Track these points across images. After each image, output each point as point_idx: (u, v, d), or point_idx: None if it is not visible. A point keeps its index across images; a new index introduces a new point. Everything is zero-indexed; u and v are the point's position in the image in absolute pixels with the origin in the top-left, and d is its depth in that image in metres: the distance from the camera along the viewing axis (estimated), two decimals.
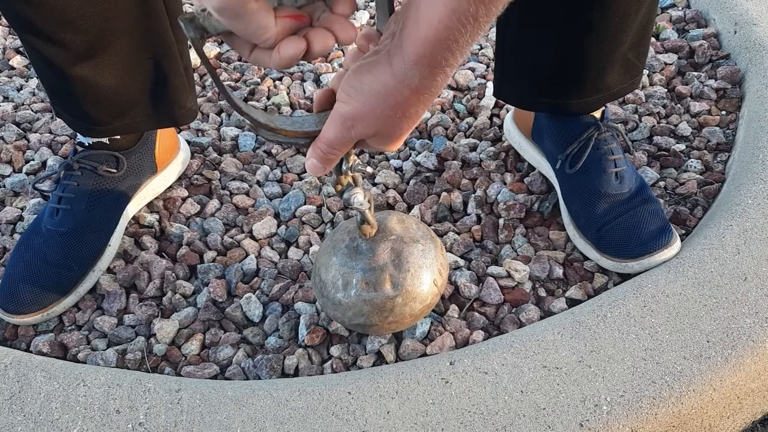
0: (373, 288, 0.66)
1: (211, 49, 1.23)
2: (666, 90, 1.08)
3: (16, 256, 0.83)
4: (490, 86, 1.11)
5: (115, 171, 0.87)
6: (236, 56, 1.23)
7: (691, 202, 0.90)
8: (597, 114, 0.87)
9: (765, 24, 1.09)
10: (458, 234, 0.89)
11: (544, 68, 0.80)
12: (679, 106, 1.05)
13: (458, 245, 0.87)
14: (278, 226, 0.92)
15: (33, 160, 1.02)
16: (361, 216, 0.65)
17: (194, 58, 1.11)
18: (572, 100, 0.82)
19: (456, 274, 0.83)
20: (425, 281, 0.67)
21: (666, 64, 1.12)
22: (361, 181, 0.62)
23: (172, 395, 0.69)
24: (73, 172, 0.85)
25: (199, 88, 1.15)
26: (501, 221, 0.90)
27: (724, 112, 1.02)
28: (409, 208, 0.93)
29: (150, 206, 0.94)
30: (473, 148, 1.01)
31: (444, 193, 0.94)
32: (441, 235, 0.89)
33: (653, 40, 1.17)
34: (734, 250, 0.78)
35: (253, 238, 0.91)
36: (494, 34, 1.06)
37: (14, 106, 1.13)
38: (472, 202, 0.92)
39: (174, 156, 0.96)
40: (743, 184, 0.86)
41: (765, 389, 0.73)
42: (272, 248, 0.89)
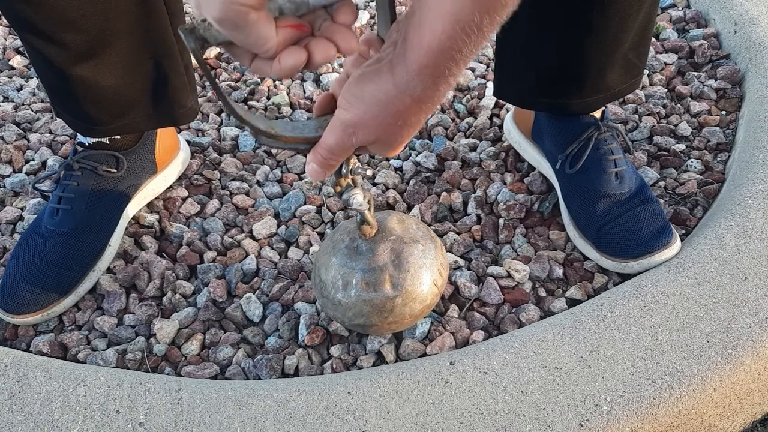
0: (373, 288, 0.66)
1: (210, 49, 1.23)
2: (666, 90, 1.08)
3: (16, 256, 0.83)
4: (490, 86, 1.11)
5: (115, 171, 0.87)
6: None
7: (691, 202, 0.90)
8: (597, 114, 0.87)
9: (765, 24, 1.09)
10: (458, 234, 0.89)
11: (544, 68, 0.80)
12: (679, 106, 1.05)
13: (458, 245, 0.87)
14: (278, 226, 0.92)
15: (33, 160, 1.02)
16: (360, 216, 0.65)
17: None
18: (573, 100, 0.82)
19: (456, 274, 0.83)
20: (425, 281, 0.67)
21: (666, 64, 1.12)
22: (360, 182, 0.61)
23: (172, 395, 0.69)
24: (73, 172, 0.85)
25: (199, 88, 1.15)
26: (501, 221, 0.90)
27: (724, 112, 1.02)
28: (409, 208, 0.93)
29: (150, 206, 0.94)
30: (473, 148, 1.01)
31: (444, 193, 0.94)
32: (441, 235, 0.89)
33: (653, 40, 1.17)
34: (734, 250, 0.78)
35: (253, 238, 0.91)
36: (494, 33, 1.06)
37: (14, 106, 1.13)
38: (472, 202, 0.92)
39: (174, 156, 0.96)
40: (743, 184, 0.86)
41: (765, 389, 0.73)
42: (272, 248, 0.89)
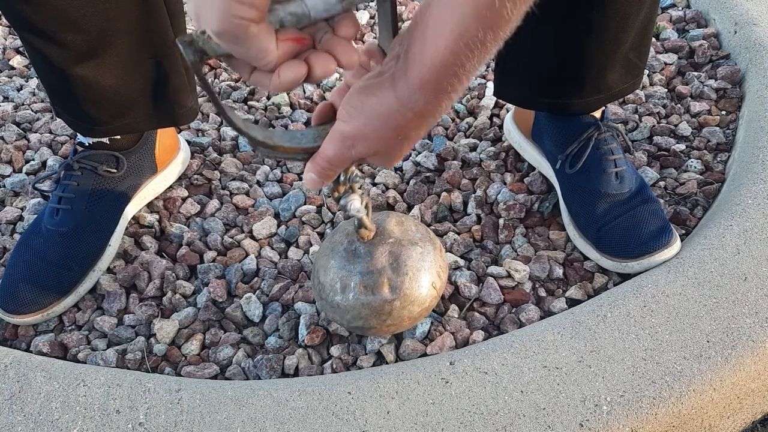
0: (371, 292, 0.66)
1: None
2: (666, 90, 1.08)
3: (16, 256, 0.83)
4: (490, 86, 1.11)
5: (115, 171, 0.87)
6: None
7: (691, 202, 0.90)
8: (597, 114, 0.87)
9: (765, 24, 1.09)
10: (458, 234, 0.89)
11: (544, 68, 0.80)
12: (679, 106, 1.05)
13: (458, 245, 0.87)
14: (278, 226, 0.92)
15: (33, 160, 1.02)
16: (358, 221, 0.65)
17: None
18: (573, 100, 0.82)
19: (456, 274, 0.83)
20: (423, 284, 0.67)
21: (666, 64, 1.12)
22: (358, 188, 0.61)
23: (172, 395, 0.69)
24: (73, 172, 0.85)
25: (199, 88, 1.15)
26: (501, 221, 0.90)
27: (724, 112, 1.02)
28: (409, 208, 0.93)
29: (150, 206, 0.94)
30: (473, 148, 1.01)
31: (444, 193, 0.94)
32: (441, 235, 0.89)
33: (653, 40, 1.17)
34: (734, 250, 0.78)
35: (253, 238, 0.91)
36: None
37: (14, 106, 1.13)
38: (472, 202, 0.92)
39: (174, 156, 0.96)
40: (743, 184, 0.86)
41: (765, 389, 0.73)
42: (272, 248, 0.89)
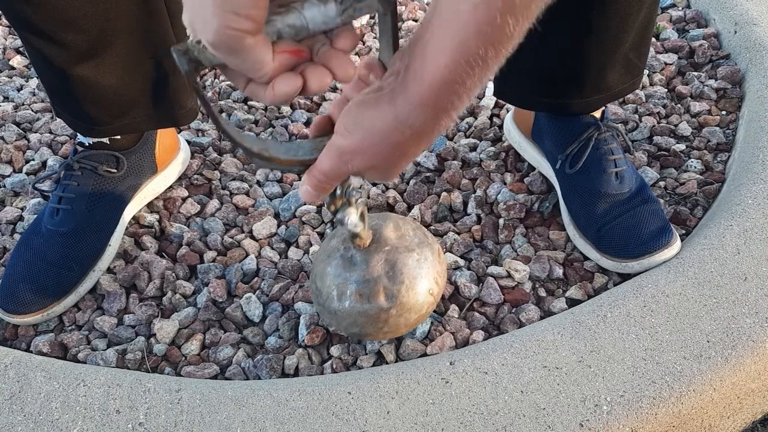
0: (367, 300, 0.65)
1: None
2: (666, 90, 1.08)
3: (16, 256, 0.83)
4: (490, 86, 1.11)
5: (116, 171, 0.87)
6: None
7: (691, 202, 0.90)
8: (597, 114, 0.87)
9: (765, 24, 1.09)
10: (458, 234, 0.89)
11: (544, 68, 0.80)
12: (679, 106, 1.05)
13: (458, 245, 0.87)
14: (278, 226, 0.92)
15: (33, 160, 1.02)
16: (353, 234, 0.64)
17: None
18: (573, 100, 0.82)
19: (456, 274, 0.83)
20: (420, 292, 0.66)
21: (666, 64, 1.12)
22: (355, 201, 0.60)
23: (172, 395, 0.69)
24: (74, 172, 0.85)
25: None
26: (501, 221, 0.90)
27: (724, 112, 1.02)
28: (409, 208, 0.93)
29: (150, 206, 0.94)
30: (473, 148, 1.01)
31: (444, 193, 0.94)
32: (441, 235, 0.89)
33: (653, 40, 1.17)
34: (734, 250, 0.78)
35: (253, 238, 0.91)
36: None
37: (14, 106, 1.13)
38: (472, 202, 0.92)
39: (174, 156, 0.96)
40: (743, 184, 0.86)
41: (765, 389, 0.73)
42: (272, 248, 0.89)
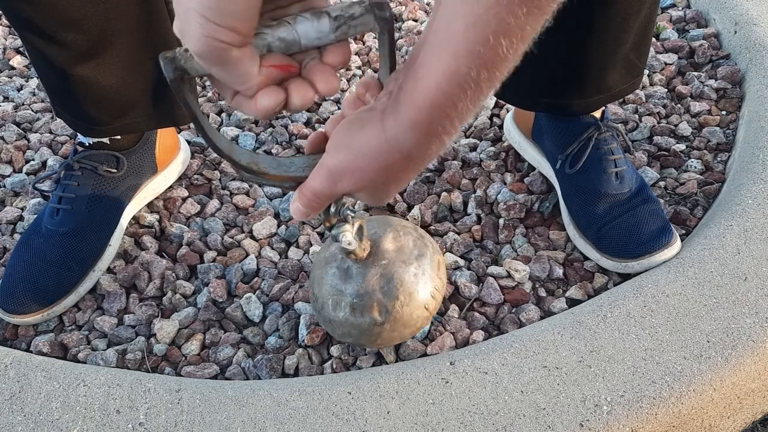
0: (361, 314, 0.65)
1: None
2: (666, 90, 1.08)
3: (16, 256, 0.83)
4: None
5: (116, 171, 0.87)
6: None
7: (691, 202, 0.90)
8: (597, 114, 0.87)
9: (765, 24, 1.09)
10: (458, 234, 0.89)
11: (544, 68, 0.80)
12: (679, 106, 1.05)
13: (458, 245, 0.87)
14: (278, 226, 0.92)
15: (33, 160, 1.02)
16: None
17: None
18: (573, 101, 0.82)
19: (456, 274, 0.83)
20: (415, 307, 0.66)
21: (666, 64, 1.12)
22: (350, 218, 0.59)
23: (172, 395, 0.69)
24: (74, 172, 0.85)
25: (199, 88, 1.15)
26: (501, 221, 0.90)
27: (724, 112, 1.02)
28: (409, 208, 0.93)
29: (150, 206, 0.94)
30: (473, 148, 1.01)
31: (444, 193, 0.94)
32: (441, 235, 0.89)
33: (653, 40, 1.17)
34: (734, 250, 0.78)
35: (253, 238, 0.91)
36: None
37: (14, 106, 1.13)
38: (472, 202, 0.92)
39: (174, 156, 0.96)
40: (743, 184, 0.86)
41: (765, 389, 0.73)
42: (272, 248, 0.89)
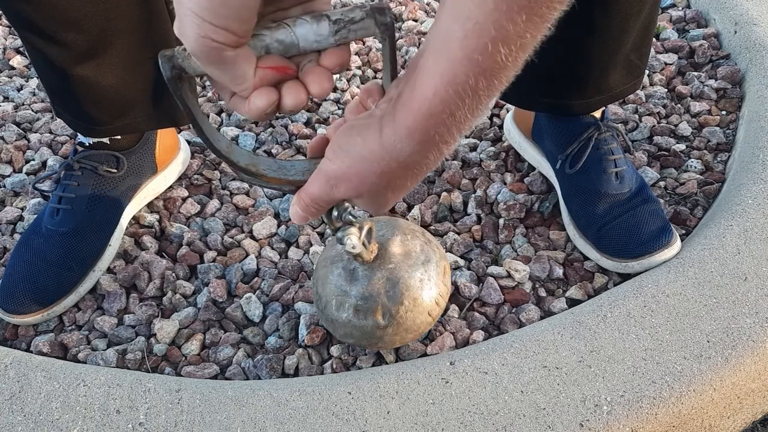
0: (364, 316, 0.65)
1: None
2: (666, 90, 1.08)
3: (16, 256, 0.83)
4: None
5: (116, 171, 0.87)
6: None
7: (691, 202, 0.90)
8: (597, 114, 0.87)
9: (765, 24, 1.09)
10: (458, 234, 0.89)
11: (545, 68, 0.80)
12: (679, 106, 1.05)
13: (458, 245, 0.87)
14: (278, 226, 0.92)
15: (33, 160, 1.02)
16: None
17: None
18: (574, 101, 0.82)
19: (456, 274, 0.83)
20: (419, 313, 0.66)
21: (666, 64, 1.12)
22: (356, 221, 0.58)
23: (172, 395, 0.69)
24: (74, 172, 0.85)
25: (199, 88, 1.15)
26: (501, 221, 0.90)
27: (724, 112, 1.02)
28: (409, 208, 0.93)
29: (150, 206, 0.94)
30: (473, 148, 1.01)
31: (444, 193, 0.94)
32: (441, 235, 0.89)
33: (654, 40, 1.17)
34: (734, 250, 0.78)
35: (253, 238, 0.91)
36: None
37: (14, 106, 1.13)
38: (472, 202, 0.92)
39: (174, 156, 0.96)
40: (743, 184, 0.86)
41: (765, 389, 0.73)
42: (272, 248, 0.89)
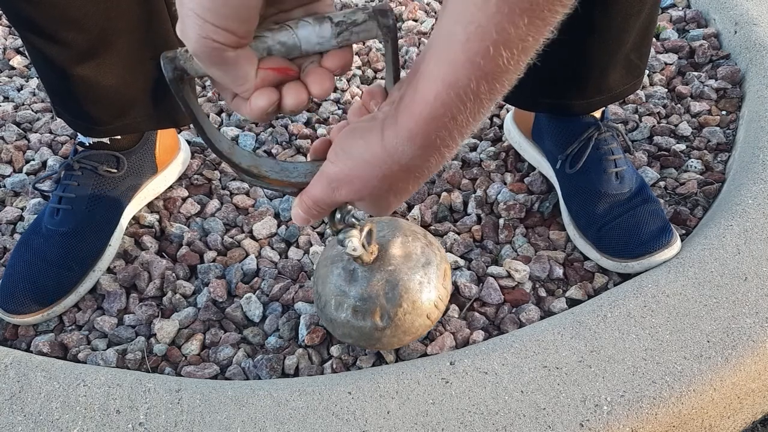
0: (362, 317, 0.65)
1: None
2: (666, 90, 1.08)
3: (17, 256, 0.83)
4: None
5: (116, 171, 0.87)
6: None
7: (691, 202, 0.90)
8: (597, 114, 0.87)
9: (765, 24, 1.09)
10: (458, 234, 0.89)
11: (545, 68, 0.80)
12: (679, 106, 1.05)
13: (458, 245, 0.87)
14: (278, 226, 0.92)
15: (33, 160, 1.02)
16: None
17: None
18: (574, 101, 0.82)
19: (456, 274, 0.83)
20: (418, 316, 0.66)
21: (666, 64, 1.12)
22: (358, 223, 0.57)
23: (172, 395, 0.69)
24: (74, 172, 0.85)
25: (199, 88, 1.15)
26: (501, 221, 0.90)
27: (724, 112, 1.02)
28: (409, 208, 0.93)
29: (150, 206, 0.94)
30: (473, 148, 1.01)
31: (444, 193, 0.94)
32: (441, 235, 0.89)
33: (653, 40, 1.17)
34: (734, 250, 0.78)
35: (253, 238, 0.91)
36: None
37: (14, 106, 1.13)
38: (472, 202, 0.92)
39: (174, 156, 0.96)
40: (743, 184, 0.86)
41: (765, 389, 0.73)
42: (272, 248, 0.89)
